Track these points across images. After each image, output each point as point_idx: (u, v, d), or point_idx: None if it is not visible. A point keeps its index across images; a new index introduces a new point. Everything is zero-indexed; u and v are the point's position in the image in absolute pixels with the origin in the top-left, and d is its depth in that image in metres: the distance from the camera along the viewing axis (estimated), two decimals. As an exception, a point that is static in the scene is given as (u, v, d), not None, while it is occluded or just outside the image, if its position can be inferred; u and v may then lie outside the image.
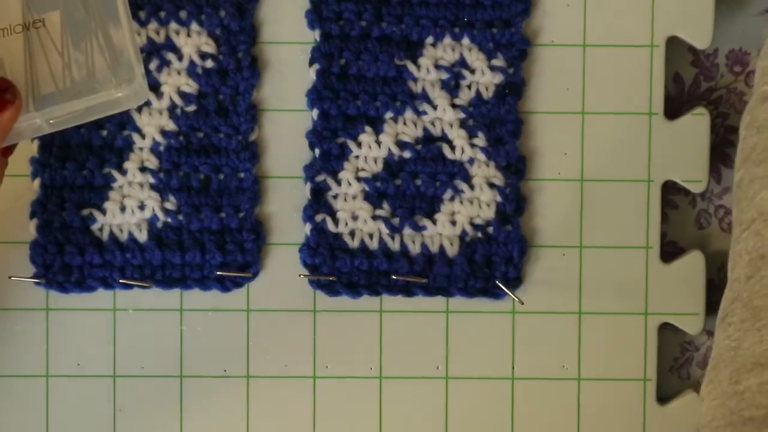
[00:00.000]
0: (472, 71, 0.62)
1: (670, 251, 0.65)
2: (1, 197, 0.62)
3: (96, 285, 0.61)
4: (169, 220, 0.61)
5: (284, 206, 0.63)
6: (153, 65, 0.61)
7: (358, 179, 0.62)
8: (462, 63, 0.62)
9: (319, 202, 0.62)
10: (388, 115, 0.62)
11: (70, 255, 0.61)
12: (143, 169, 0.61)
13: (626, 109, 0.63)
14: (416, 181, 0.62)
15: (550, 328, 0.63)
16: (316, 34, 0.62)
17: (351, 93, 0.62)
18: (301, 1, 0.62)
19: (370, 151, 0.62)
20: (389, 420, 0.63)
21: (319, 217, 0.62)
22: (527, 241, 0.62)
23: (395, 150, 0.62)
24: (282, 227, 0.63)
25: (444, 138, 0.62)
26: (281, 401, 0.63)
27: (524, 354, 0.63)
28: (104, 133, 0.61)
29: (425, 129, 0.62)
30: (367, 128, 0.62)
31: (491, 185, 0.62)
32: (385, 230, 0.62)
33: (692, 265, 0.63)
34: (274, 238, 0.63)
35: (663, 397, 0.65)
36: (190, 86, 0.61)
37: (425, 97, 0.62)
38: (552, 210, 0.63)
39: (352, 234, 0.62)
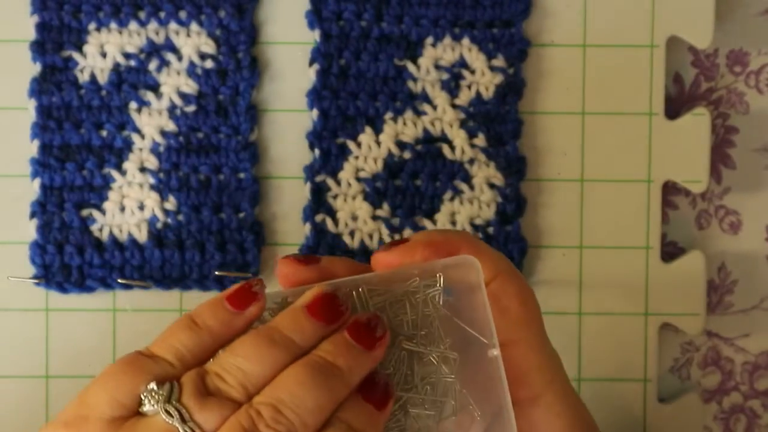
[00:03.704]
0: (472, 71, 0.62)
1: (670, 251, 0.65)
2: (1, 197, 0.62)
3: (95, 285, 0.61)
4: (169, 220, 0.61)
5: (284, 206, 0.63)
6: (153, 65, 0.61)
7: (358, 179, 0.62)
8: (462, 63, 0.62)
9: (318, 203, 0.62)
10: (388, 115, 0.62)
11: (70, 255, 0.61)
12: (143, 170, 0.61)
13: (626, 109, 0.63)
14: (416, 182, 0.62)
15: (550, 328, 0.63)
16: (316, 35, 0.62)
17: (351, 93, 0.62)
18: (301, 1, 0.62)
19: (369, 152, 0.62)
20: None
21: (319, 218, 0.62)
22: (527, 241, 0.62)
23: (395, 150, 0.62)
24: (282, 227, 0.63)
25: (444, 138, 0.62)
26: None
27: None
28: (104, 133, 0.61)
29: (425, 129, 0.62)
30: (367, 128, 0.62)
31: (491, 185, 0.62)
32: (385, 230, 0.62)
33: (692, 265, 0.63)
34: (274, 239, 0.63)
35: (663, 398, 0.64)
36: (190, 86, 0.61)
37: (425, 97, 0.62)
38: (552, 210, 0.63)
39: (352, 234, 0.62)
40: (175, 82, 0.61)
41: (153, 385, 0.40)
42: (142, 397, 0.40)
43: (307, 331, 0.41)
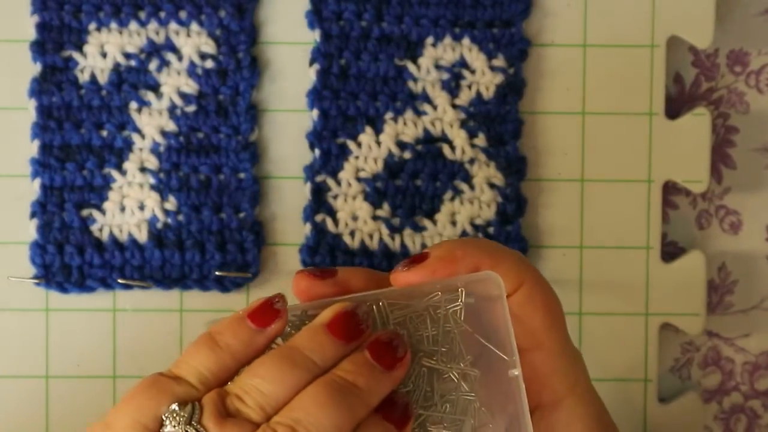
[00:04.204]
0: (473, 71, 0.62)
1: (670, 251, 0.65)
2: (1, 197, 0.62)
3: (96, 285, 0.61)
4: (169, 220, 0.61)
5: (284, 206, 0.63)
6: (153, 66, 0.61)
7: (358, 179, 0.62)
8: (462, 63, 0.62)
9: (319, 203, 0.62)
10: (389, 115, 0.62)
11: (70, 255, 0.61)
12: (143, 170, 0.61)
13: (627, 109, 0.63)
14: (416, 182, 0.62)
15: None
16: (316, 35, 0.62)
17: (351, 93, 0.62)
18: (301, 1, 0.62)
19: (370, 152, 0.62)
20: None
21: (319, 218, 0.62)
22: (528, 241, 0.62)
23: (395, 150, 0.62)
24: (282, 227, 0.63)
25: (444, 138, 0.62)
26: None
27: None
28: (104, 133, 0.61)
29: (425, 129, 0.62)
30: (367, 128, 0.62)
31: (492, 185, 0.62)
32: (385, 230, 0.62)
33: (693, 265, 0.63)
34: (274, 239, 0.63)
35: (664, 398, 0.64)
36: (190, 86, 0.61)
37: (425, 97, 0.62)
38: (552, 210, 0.63)
39: (352, 234, 0.62)
40: (175, 82, 0.61)
41: (175, 407, 0.40)
42: (164, 419, 0.40)
43: (327, 350, 0.41)
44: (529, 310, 0.44)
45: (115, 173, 0.61)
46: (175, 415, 0.40)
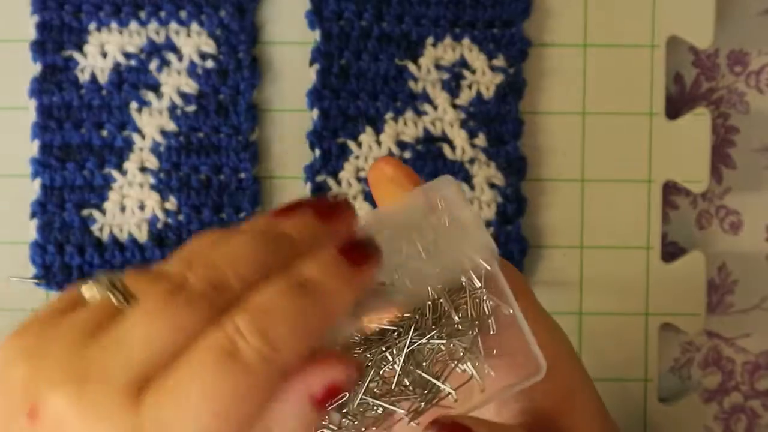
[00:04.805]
0: (473, 71, 0.62)
1: (670, 251, 0.65)
2: (1, 197, 0.62)
3: (96, 285, 0.61)
4: (170, 220, 0.61)
5: (284, 206, 0.62)
6: (153, 65, 0.61)
7: (359, 179, 0.62)
8: (463, 63, 0.62)
9: (319, 203, 0.62)
10: (389, 115, 0.62)
11: (70, 255, 0.61)
12: (143, 170, 0.61)
13: (627, 109, 0.63)
14: (417, 182, 0.62)
15: (550, 329, 0.63)
16: (316, 34, 0.62)
17: (351, 93, 0.62)
18: (302, 1, 0.62)
19: (370, 151, 0.62)
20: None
21: (319, 218, 0.62)
22: (528, 241, 0.62)
23: (396, 150, 0.62)
24: (282, 227, 0.62)
25: (444, 138, 0.62)
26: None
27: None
28: (104, 133, 0.61)
29: (426, 129, 0.62)
30: (368, 128, 0.62)
31: (492, 185, 0.62)
32: (385, 230, 0.62)
33: (693, 265, 0.63)
34: (275, 239, 0.63)
35: (664, 398, 0.64)
36: (191, 86, 0.61)
37: (426, 97, 0.62)
38: (552, 210, 0.63)
39: (352, 234, 0.62)
40: (175, 81, 0.61)
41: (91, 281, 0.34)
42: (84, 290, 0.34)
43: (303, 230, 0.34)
44: None
45: (115, 173, 0.61)
46: (93, 281, 0.34)
